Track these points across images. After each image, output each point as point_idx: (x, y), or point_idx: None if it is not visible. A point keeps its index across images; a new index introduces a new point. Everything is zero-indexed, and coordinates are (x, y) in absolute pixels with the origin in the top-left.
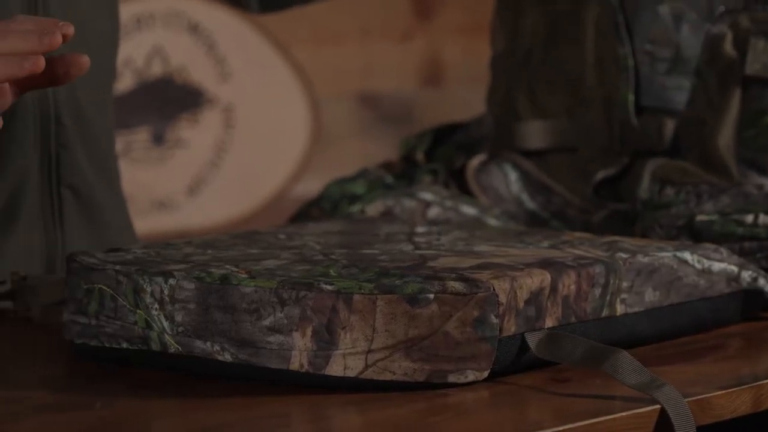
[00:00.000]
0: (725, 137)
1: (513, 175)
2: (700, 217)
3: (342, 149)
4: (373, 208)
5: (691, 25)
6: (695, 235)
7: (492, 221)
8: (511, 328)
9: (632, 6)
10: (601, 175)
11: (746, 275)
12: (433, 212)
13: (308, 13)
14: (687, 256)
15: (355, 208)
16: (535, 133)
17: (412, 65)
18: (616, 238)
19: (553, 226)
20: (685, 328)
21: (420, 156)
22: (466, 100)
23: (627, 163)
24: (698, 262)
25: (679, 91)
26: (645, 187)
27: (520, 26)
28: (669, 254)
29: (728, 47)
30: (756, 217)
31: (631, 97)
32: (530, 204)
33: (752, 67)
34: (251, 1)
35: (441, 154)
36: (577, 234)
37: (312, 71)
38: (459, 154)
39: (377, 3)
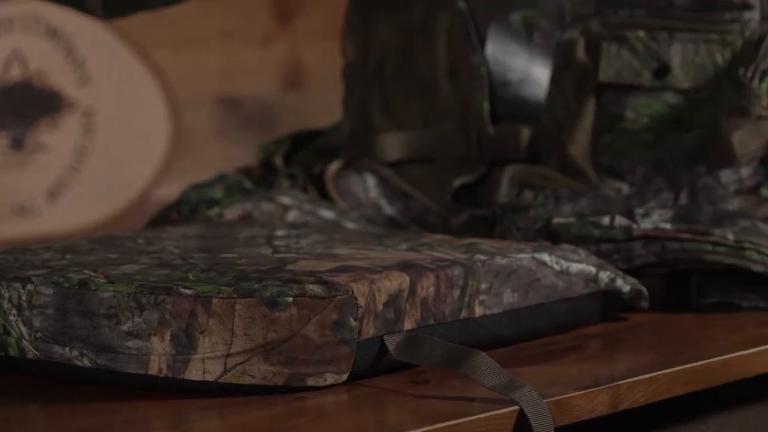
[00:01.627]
0: (580, 144)
1: (371, 181)
2: (557, 220)
3: (203, 153)
4: (232, 212)
5: (543, 33)
6: (553, 237)
7: (350, 225)
8: (370, 330)
9: (483, 15)
10: (458, 182)
11: (604, 276)
12: (292, 216)
13: (168, 17)
14: (545, 257)
15: (214, 211)
16: (391, 146)
17: (273, 69)
18: (475, 240)
19: (412, 231)
20: (543, 329)
21: (279, 161)
22: (329, 103)
23: (484, 171)
24: (556, 263)
25: (532, 100)
26: (504, 191)
27: (371, 36)
28: (527, 256)
29: (581, 53)
30: (612, 219)
31: (486, 106)
32: (389, 210)
33: (605, 73)
34: (95, 7)
35: (300, 159)
36: (437, 236)
37: (172, 75)
38: (318, 160)
39: (237, 6)
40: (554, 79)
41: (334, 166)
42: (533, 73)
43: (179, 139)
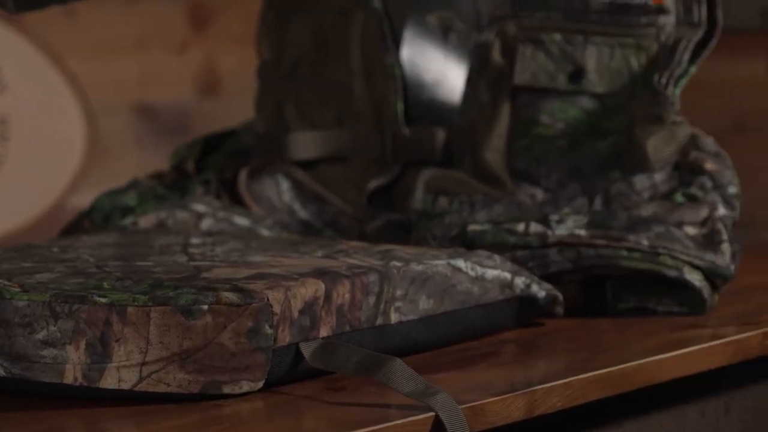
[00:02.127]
0: (495, 149)
1: (285, 185)
2: (472, 227)
3: (119, 160)
4: (146, 221)
5: (459, 35)
6: (468, 245)
7: (265, 232)
8: (285, 338)
9: (399, 16)
10: (373, 184)
11: (520, 282)
12: (206, 224)
13: (82, 23)
14: (461, 263)
15: (128, 220)
16: (304, 144)
17: (189, 76)
18: (391, 246)
19: (326, 236)
20: (459, 335)
21: (190, 166)
22: (245, 110)
23: (399, 172)
24: (472, 269)
25: (447, 102)
26: (419, 197)
27: (286, 36)
28: (443, 262)
29: (496, 56)
30: (527, 226)
31: (400, 107)
32: (303, 213)
33: (521, 76)
34: (7, 1)
35: (212, 163)
36: (352, 243)
37: (87, 82)
38: (230, 162)
39: (152, 13)
40: (469, 82)
41: (246, 171)
42: (449, 76)
43: (95, 147)
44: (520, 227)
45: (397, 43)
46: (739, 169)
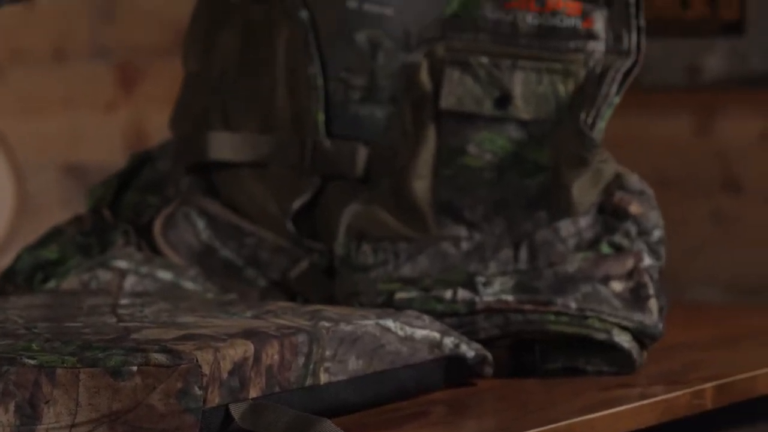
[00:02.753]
0: (422, 177)
1: (201, 223)
2: (399, 295)
3: (49, 220)
4: (69, 284)
5: (387, 53)
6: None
7: (189, 284)
8: (215, 399)
9: (328, 31)
10: (296, 204)
11: (449, 341)
12: (130, 281)
13: (11, 81)
14: (390, 323)
15: (50, 285)
16: (224, 144)
17: (118, 135)
18: (319, 306)
19: (248, 275)
20: (389, 396)
21: (107, 213)
22: None
23: (319, 185)
24: (401, 329)
25: (372, 120)
26: (341, 241)
27: (214, 47)
28: (371, 322)
29: (423, 77)
30: (455, 293)
31: (321, 117)
32: (224, 251)
33: (447, 100)
34: None
35: (127, 201)
36: (280, 303)
37: (16, 140)
38: (146, 197)
39: (80, 73)
40: (394, 101)
41: (160, 220)
42: (375, 93)
43: (24, 207)
44: (448, 294)
45: (321, 55)
46: (663, 225)
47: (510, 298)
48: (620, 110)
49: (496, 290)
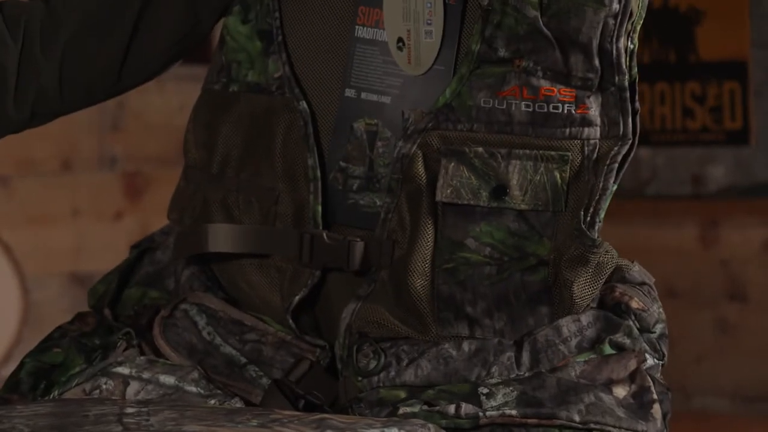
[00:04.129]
0: (421, 273)
1: (201, 321)
2: (403, 410)
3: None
4: (71, 395)
5: (385, 143)
6: None
7: (192, 388)
8: None
9: (326, 121)
10: (296, 299)
11: None
12: (133, 388)
13: (18, 193)
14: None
15: (54, 393)
16: (225, 235)
17: (124, 244)
18: (324, 415)
19: (250, 374)
20: None
21: (107, 311)
22: None
23: (318, 278)
24: None
25: (371, 208)
26: (342, 343)
27: (216, 138)
28: (377, 431)
29: (419, 169)
30: (458, 408)
31: (319, 209)
32: (225, 348)
33: (443, 191)
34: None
35: (129, 297)
36: (286, 411)
37: (22, 251)
38: (148, 293)
39: (89, 184)
40: (391, 192)
41: (159, 321)
42: (373, 183)
43: (28, 316)
44: (451, 410)
45: (320, 146)
46: (669, 333)
47: (514, 412)
48: (626, 218)
49: (499, 403)
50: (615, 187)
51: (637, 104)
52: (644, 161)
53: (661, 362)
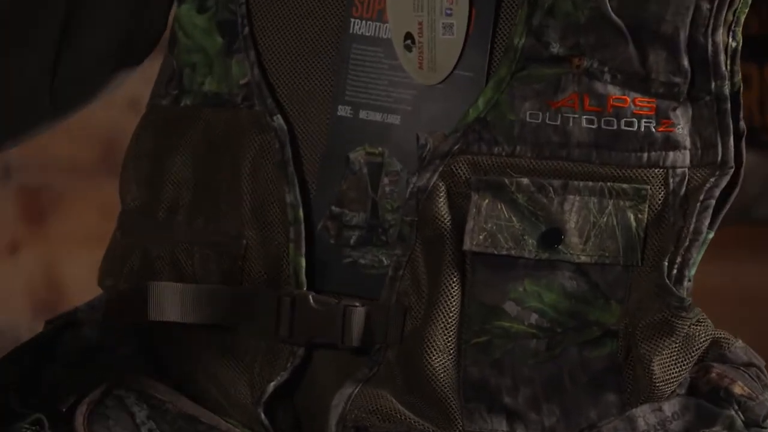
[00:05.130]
0: (443, 350)
1: (141, 413)
2: None
3: None
4: None
5: (394, 179)
6: None
7: None
8: None
9: (312, 148)
10: (272, 386)
11: None
12: None
13: None
14: None
15: None
16: (174, 299)
17: (21, 289)
18: None
19: None
20: None
21: (13, 400)
22: None
23: (301, 359)
24: None
25: (376, 271)
26: None
27: (162, 175)
28: None
29: (440, 208)
30: None
31: (302, 263)
32: None
33: (474, 239)
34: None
35: (47, 377)
36: None
37: None
38: (69, 379)
39: None
40: (402, 241)
41: (84, 408)
42: (377, 235)
43: None
44: None
45: (303, 179)
46: None
47: None
48: (716, 250)
49: None
50: (711, 235)
51: (742, 123)
52: (750, 172)
53: None
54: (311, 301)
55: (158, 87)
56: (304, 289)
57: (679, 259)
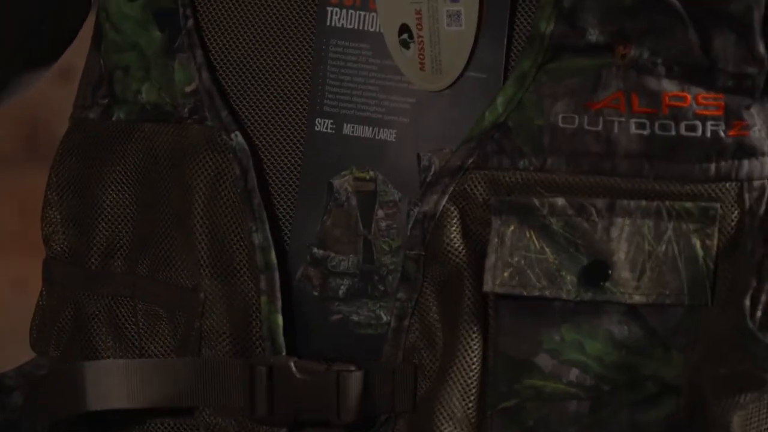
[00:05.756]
0: (460, 420)
1: None
2: None
3: None
4: None
5: (391, 211)
6: None
7: None
8: None
9: (281, 174)
10: None
11: None
12: None
13: None
14: None
15: None
16: (115, 380)
17: None
18: None
19: None
20: None
21: None
22: None
23: None
24: None
25: (373, 330)
26: None
27: (94, 212)
28: None
29: (454, 238)
30: None
31: (277, 320)
32: None
33: (497, 276)
34: None
35: None
36: None
37: None
38: None
39: None
40: (406, 282)
41: None
42: (372, 283)
43: None
44: None
45: (272, 212)
46: None
47: None
48: None
49: None
50: None
51: None
52: None
53: None
54: (293, 369)
55: (83, 94)
56: (283, 354)
57: (764, 298)
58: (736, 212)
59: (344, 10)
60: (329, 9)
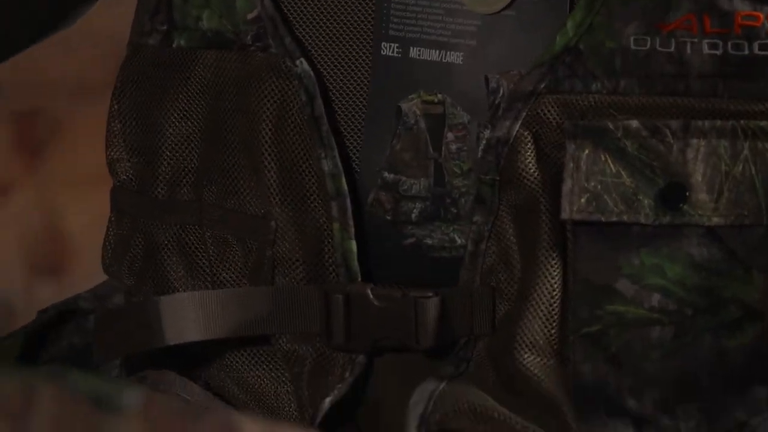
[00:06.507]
0: (543, 346)
1: None
2: None
3: None
4: None
5: (461, 132)
6: None
7: None
8: None
9: (348, 98)
10: (328, 403)
11: None
12: None
13: None
14: None
15: None
16: (193, 314)
17: (14, 240)
18: None
19: None
20: None
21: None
22: None
23: (364, 366)
24: None
25: (448, 253)
26: None
27: (158, 140)
28: None
29: (529, 163)
30: None
31: (351, 246)
32: None
33: (575, 202)
34: None
35: (47, 372)
36: None
37: None
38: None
39: None
40: (482, 205)
41: None
42: (445, 206)
43: None
44: None
45: (340, 138)
46: None
47: None
48: None
49: None
50: None
51: None
52: None
53: None
54: (370, 296)
55: (141, 20)
56: (359, 280)
57: None
58: None
59: None
60: None
